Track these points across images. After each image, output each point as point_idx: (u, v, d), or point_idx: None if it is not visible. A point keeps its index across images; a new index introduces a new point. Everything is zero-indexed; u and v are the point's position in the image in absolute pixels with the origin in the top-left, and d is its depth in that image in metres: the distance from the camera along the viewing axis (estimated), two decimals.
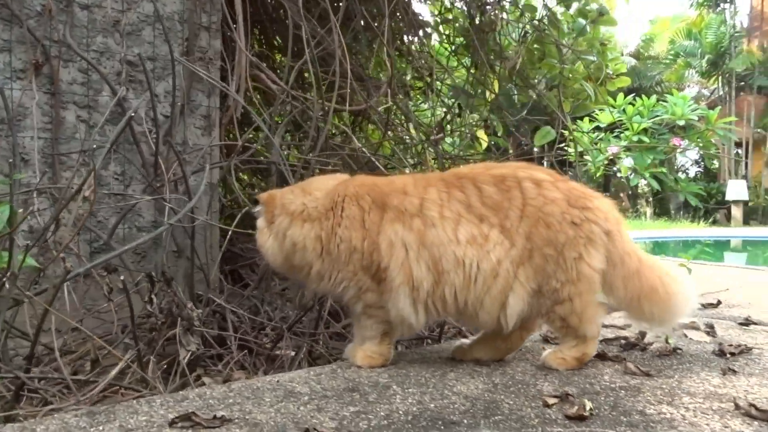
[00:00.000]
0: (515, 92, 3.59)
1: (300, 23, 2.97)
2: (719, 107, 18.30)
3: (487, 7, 3.52)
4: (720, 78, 22.02)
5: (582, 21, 3.08)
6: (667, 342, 2.18)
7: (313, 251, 1.91)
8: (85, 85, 2.56)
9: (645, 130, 17.27)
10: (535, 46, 3.18)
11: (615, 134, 16.76)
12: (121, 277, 1.95)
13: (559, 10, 3.46)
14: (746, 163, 21.92)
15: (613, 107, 15.11)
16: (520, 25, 3.46)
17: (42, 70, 2.44)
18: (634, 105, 16.28)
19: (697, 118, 16.44)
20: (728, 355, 2.07)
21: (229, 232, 2.62)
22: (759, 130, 21.23)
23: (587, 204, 1.90)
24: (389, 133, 3.07)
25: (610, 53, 3.33)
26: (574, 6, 3.11)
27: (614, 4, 3.23)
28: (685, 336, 2.35)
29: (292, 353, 2.26)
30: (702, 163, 24.85)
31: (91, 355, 2.04)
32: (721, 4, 22.24)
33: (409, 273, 1.84)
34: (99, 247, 2.52)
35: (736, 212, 18.88)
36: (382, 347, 1.94)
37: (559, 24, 3.10)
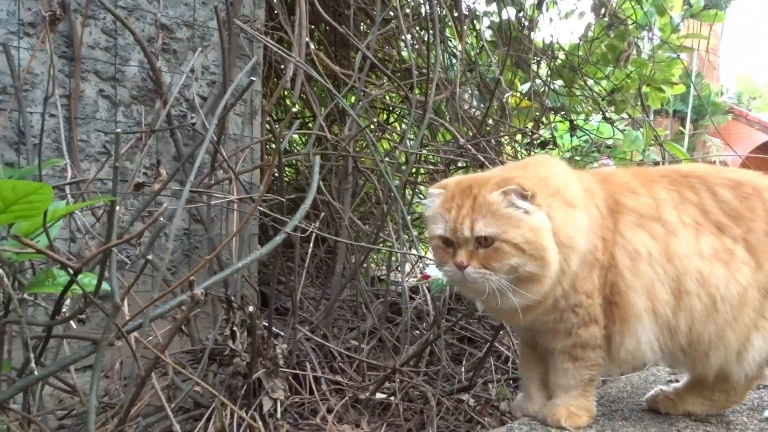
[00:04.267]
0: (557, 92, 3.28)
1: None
2: (642, 129, 19.12)
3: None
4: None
5: (676, 17, 2.79)
6: None
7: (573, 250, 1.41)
8: (110, 51, 1.98)
9: (575, 149, 17.83)
10: (607, 42, 2.85)
11: (545, 151, 17.20)
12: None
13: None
14: None
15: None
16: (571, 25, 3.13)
17: (57, 26, 1.85)
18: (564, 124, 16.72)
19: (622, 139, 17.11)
20: None
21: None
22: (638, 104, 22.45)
23: None
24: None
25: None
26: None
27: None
28: None
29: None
30: None
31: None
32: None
33: (654, 296, 1.44)
34: (130, 260, 1.94)
35: None
36: (587, 400, 1.49)
37: (637, 21, 2.80)
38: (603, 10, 2.73)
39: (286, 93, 2.45)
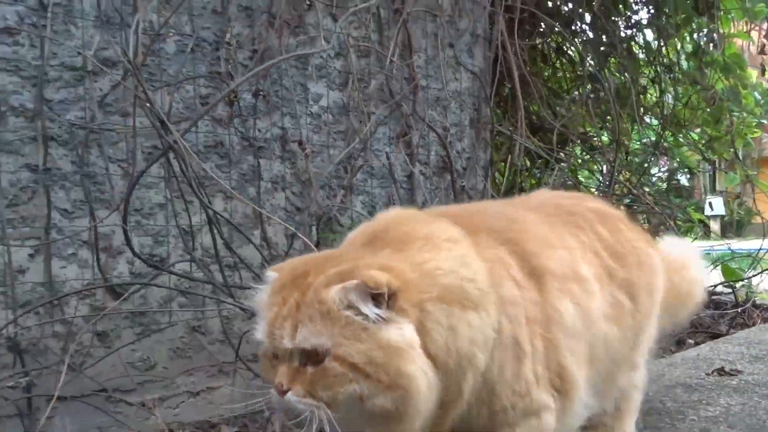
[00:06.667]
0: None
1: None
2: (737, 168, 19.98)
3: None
4: None
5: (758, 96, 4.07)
6: None
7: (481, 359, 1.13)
8: (424, 147, 3.36)
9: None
10: (709, 111, 4.14)
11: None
12: None
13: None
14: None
15: None
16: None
17: (404, 138, 3.24)
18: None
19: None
20: None
21: None
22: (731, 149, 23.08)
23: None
24: None
25: None
26: None
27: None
28: None
29: None
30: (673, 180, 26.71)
31: None
32: None
33: (586, 369, 1.32)
34: None
35: (715, 226, 20.42)
36: None
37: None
38: (713, 102, 4.00)
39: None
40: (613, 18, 4.31)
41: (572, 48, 4.45)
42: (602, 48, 4.00)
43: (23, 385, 1.95)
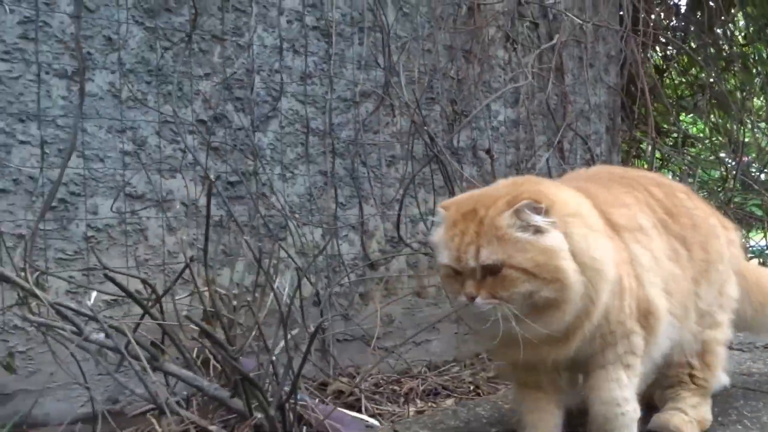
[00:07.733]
0: None
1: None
2: None
3: None
4: None
5: None
6: None
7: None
8: (571, 152, 4.04)
9: None
10: None
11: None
12: None
13: None
14: None
15: None
16: None
17: (557, 144, 3.92)
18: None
19: None
20: None
21: None
22: None
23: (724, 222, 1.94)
24: None
25: None
26: None
27: None
28: None
29: None
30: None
31: None
32: None
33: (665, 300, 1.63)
34: None
35: None
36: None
37: None
38: None
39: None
40: (717, 30, 4.87)
41: (683, 59, 5.02)
42: (719, 59, 4.58)
43: (322, 329, 2.74)
